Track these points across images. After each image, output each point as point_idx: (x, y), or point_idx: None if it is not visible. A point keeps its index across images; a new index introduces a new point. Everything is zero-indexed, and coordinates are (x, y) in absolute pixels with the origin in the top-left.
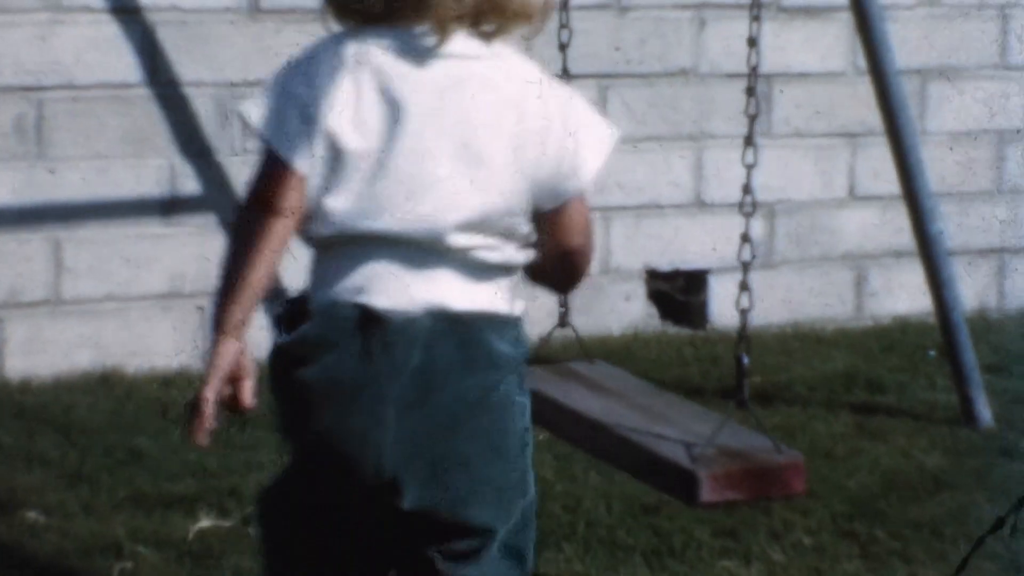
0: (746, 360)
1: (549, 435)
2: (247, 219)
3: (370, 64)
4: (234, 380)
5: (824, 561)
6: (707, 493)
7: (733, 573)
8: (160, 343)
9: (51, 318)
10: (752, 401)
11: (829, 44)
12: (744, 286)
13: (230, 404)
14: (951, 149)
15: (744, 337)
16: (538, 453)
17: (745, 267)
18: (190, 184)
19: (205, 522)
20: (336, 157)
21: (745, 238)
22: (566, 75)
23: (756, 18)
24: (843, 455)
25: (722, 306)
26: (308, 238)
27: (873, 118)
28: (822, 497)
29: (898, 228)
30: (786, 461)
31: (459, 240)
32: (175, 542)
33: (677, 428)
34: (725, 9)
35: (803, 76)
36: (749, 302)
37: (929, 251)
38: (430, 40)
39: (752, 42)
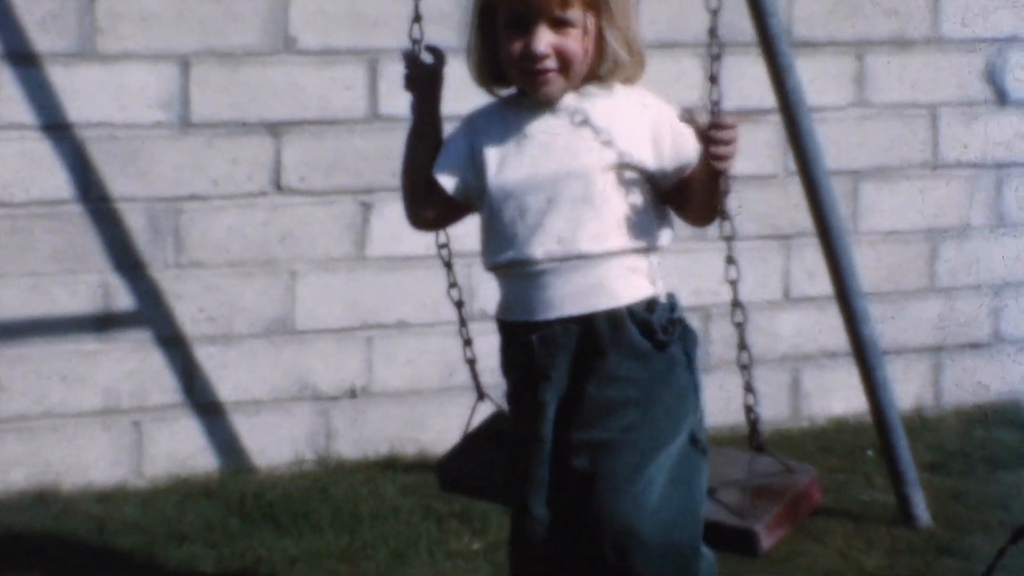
0: (755, 405)
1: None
2: None
3: None
4: None
5: None
6: (766, 542)
7: None
8: (97, 459)
9: None
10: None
11: (760, 147)
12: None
13: None
14: (883, 249)
15: (750, 385)
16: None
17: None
18: (124, 299)
19: None
20: None
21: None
22: None
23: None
24: (781, 557)
25: None
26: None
27: (805, 220)
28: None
29: (833, 329)
30: (807, 480)
31: None
32: None
33: None
34: None
35: (735, 179)
36: (749, 356)
37: (863, 352)
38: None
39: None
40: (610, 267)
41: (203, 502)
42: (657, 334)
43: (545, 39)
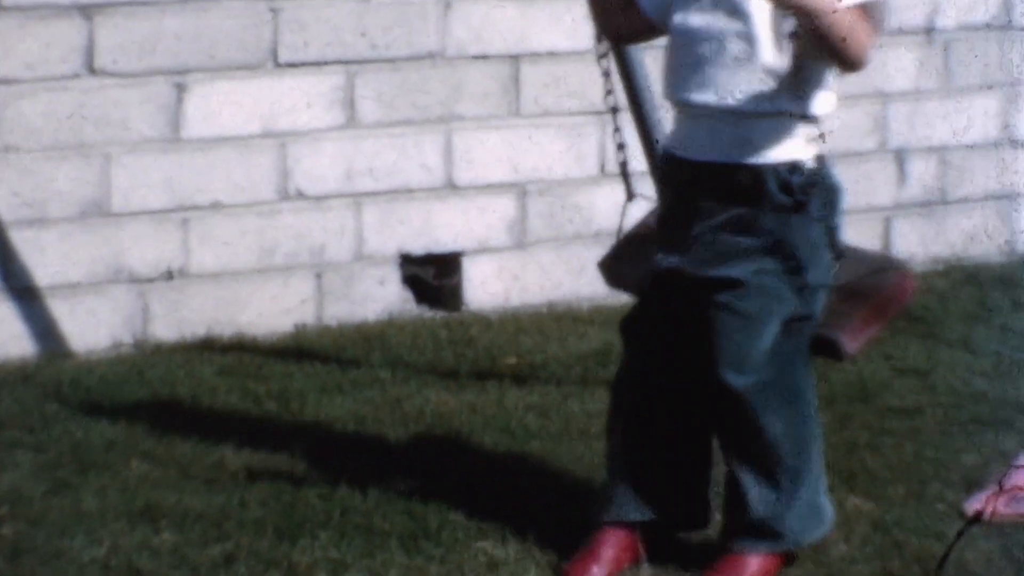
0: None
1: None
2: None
3: None
4: None
5: (578, 539)
6: (850, 347)
7: (489, 554)
8: None
9: None
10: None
11: (575, 22)
12: None
13: None
14: None
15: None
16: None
17: None
18: None
19: None
20: None
21: None
22: None
23: None
24: (599, 433)
25: (476, 288)
26: None
27: (621, 95)
28: (579, 475)
29: (650, 204)
30: (895, 280)
31: None
32: None
33: None
34: None
35: (551, 55)
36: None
37: None
38: None
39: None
40: (759, 125)
41: (19, 388)
42: (796, 194)
43: None
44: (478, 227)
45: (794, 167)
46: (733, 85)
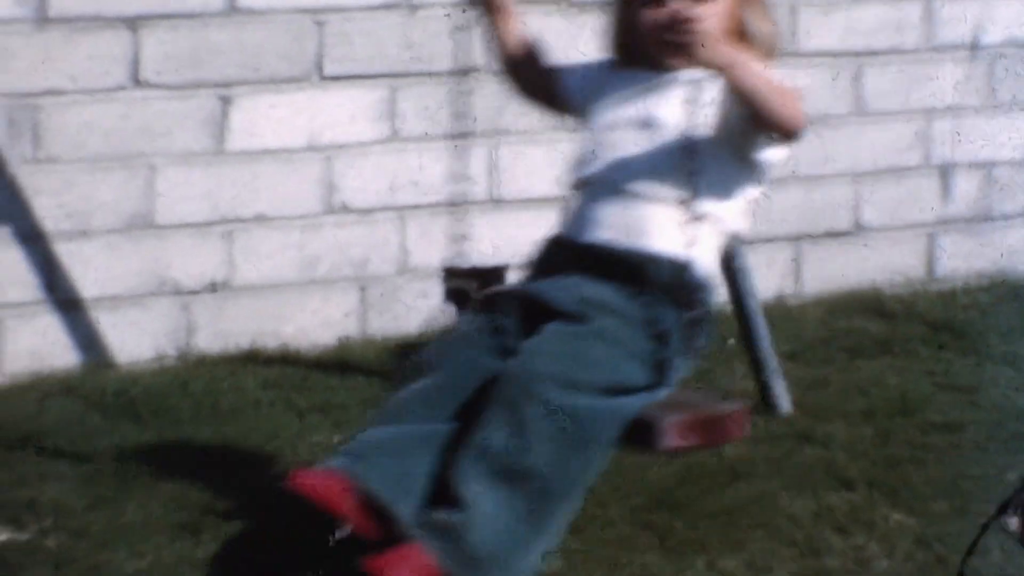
0: None
1: None
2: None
3: None
4: None
5: (623, 552)
6: (667, 437)
7: None
8: None
9: None
10: None
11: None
12: None
13: None
14: None
15: None
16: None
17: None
18: None
19: (1, 536)
20: None
21: None
22: None
23: None
24: None
25: None
26: None
27: None
28: (620, 489)
29: None
30: (730, 408)
31: None
32: None
33: None
34: None
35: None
36: None
37: None
38: None
39: None
40: (656, 211)
41: (64, 399)
42: (681, 292)
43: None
44: (522, 241)
45: (686, 267)
46: (637, 167)
